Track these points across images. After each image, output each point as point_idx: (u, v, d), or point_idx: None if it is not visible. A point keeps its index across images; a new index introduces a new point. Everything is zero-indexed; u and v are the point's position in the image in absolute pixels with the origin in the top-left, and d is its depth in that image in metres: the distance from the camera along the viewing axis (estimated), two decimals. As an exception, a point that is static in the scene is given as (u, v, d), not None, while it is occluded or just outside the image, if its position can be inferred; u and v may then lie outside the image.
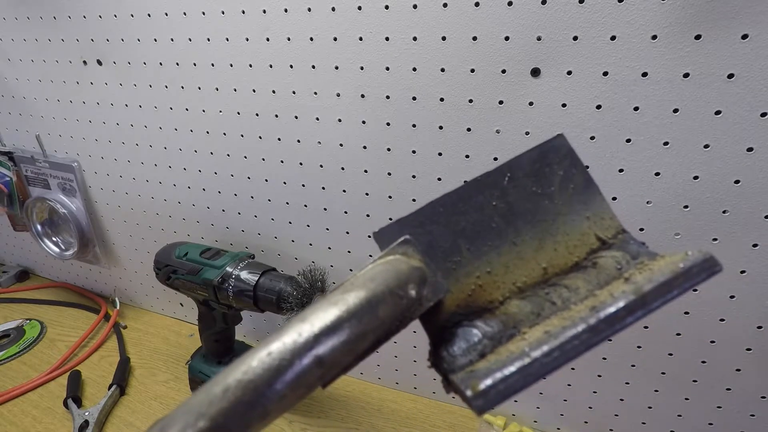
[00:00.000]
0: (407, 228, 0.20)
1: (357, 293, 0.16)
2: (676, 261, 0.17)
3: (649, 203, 0.44)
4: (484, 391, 0.15)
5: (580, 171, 0.21)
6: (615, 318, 0.16)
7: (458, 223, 0.20)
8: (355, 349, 0.16)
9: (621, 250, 0.20)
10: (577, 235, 0.21)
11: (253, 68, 0.55)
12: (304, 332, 0.15)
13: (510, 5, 0.41)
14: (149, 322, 0.84)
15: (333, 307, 0.16)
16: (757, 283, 0.43)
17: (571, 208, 0.21)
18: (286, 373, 0.14)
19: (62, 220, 0.82)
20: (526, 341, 0.17)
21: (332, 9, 0.48)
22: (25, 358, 0.74)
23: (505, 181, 0.21)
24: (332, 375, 0.16)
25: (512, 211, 0.21)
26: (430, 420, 0.62)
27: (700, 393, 0.50)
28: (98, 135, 0.73)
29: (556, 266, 0.20)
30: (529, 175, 0.21)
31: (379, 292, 0.16)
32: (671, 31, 0.38)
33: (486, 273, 0.20)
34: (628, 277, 0.18)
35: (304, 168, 0.59)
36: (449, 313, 0.20)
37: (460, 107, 0.47)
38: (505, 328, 0.18)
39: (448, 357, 0.18)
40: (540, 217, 0.21)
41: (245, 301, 0.54)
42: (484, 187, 0.21)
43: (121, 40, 0.62)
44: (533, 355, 0.16)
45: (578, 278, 0.19)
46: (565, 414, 0.58)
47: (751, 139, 0.39)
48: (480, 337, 0.18)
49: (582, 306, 0.17)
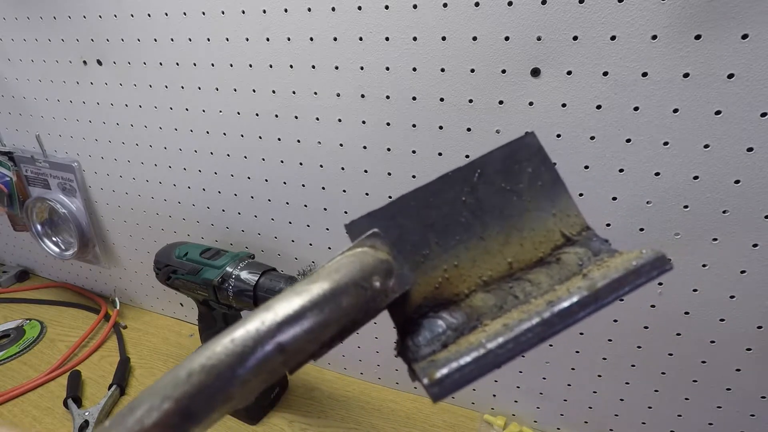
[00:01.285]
0: (378, 221, 0.20)
1: (321, 284, 0.16)
2: (631, 258, 0.17)
3: (649, 203, 0.44)
4: (439, 380, 0.16)
5: (548, 168, 0.21)
6: (568, 312, 0.16)
7: (428, 217, 0.21)
8: (318, 337, 0.16)
9: (584, 246, 0.20)
10: (543, 231, 0.21)
11: (253, 68, 0.55)
12: (267, 320, 0.15)
13: (510, 5, 0.41)
14: (149, 322, 0.84)
15: (297, 297, 0.16)
16: (757, 283, 0.43)
17: (538, 204, 0.21)
18: (248, 359, 0.15)
19: (62, 220, 0.82)
20: (485, 333, 0.17)
21: (332, 9, 0.48)
22: (25, 358, 0.74)
23: (476, 176, 0.21)
24: (297, 361, 0.16)
25: (481, 206, 0.21)
26: (430, 420, 0.62)
27: (700, 393, 0.50)
28: (98, 135, 0.73)
29: (521, 261, 0.21)
30: (499, 171, 0.21)
31: (342, 282, 0.17)
32: (671, 31, 0.38)
33: (453, 266, 0.21)
34: (586, 273, 0.18)
35: (304, 168, 0.59)
36: (416, 304, 0.20)
37: (460, 107, 0.47)
38: (469, 320, 0.19)
39: (413, 347, 0.19)
40: (508, 212, 0.21)
41: (245, 301, 0.54)
42: (454, 182, 0.21)
43: (121, 40, 0.62)
44: (488, 346, 0.16)
45: (541, 273, 0.20)
46: (565, 414, 0.58)
47: (751, 139, 0.39)
48: (444, 328, 0.19)
49: (540, 300, 0.18)
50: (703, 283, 0.45)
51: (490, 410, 0.63)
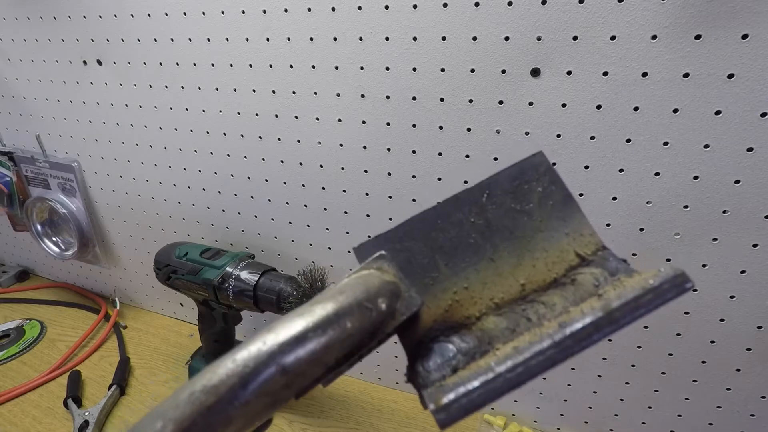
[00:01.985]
0: (386, 244, 0.20)
1: (324, 305, 0.16)
2: (648, 277, 0.17)
3: (649, 203, 0.44)
4: (446, 405, 0.15)
5: (559, 187, 0.21)
6: (582, 334, 0.16)
7: (436, 240, 0.20)
8: (322, 360, 0.16)
9: (600, 266, 0.20)
10: (556, 251, 0.20)
11: (253, 68, 0.55)
12: (269, 341, 0.15)
13: (510, 5, 0.41)
14: (149, 322, 0.84)
15: (300, 318, 0.16)
16: (757, 283, 0.43)
17: (550, 224, 0.21)
18: (249, 380, 0.15)
19: (62, 220, 0.82)
20: (495, 357, 0.17)
21: (332, 9, 0.48)
22: (25, 358, 0.74)
23: (484, 198, 0.21)
24: (302, 386, 0.16)
25: (490, 227, 0.21)
26: (430, 420, 0.62)
27: (700, 393, 0.50)
28: (98, 135, 0.73)
29: (534, 282, 0.20)
30: (508, 192, 0.21)
31: (346, 304, 0.16)
32: (671, 31, 0.38)
33: (463, 289, 0.20)
34: (602, 294, 0.17)
35: (304, 168, 0.59)
36: (426, 328, 0.20)
37: (460, 107, 0.47)
38: (480, 344, 0.18)
39: (423, 372, 0.18)
40: (518, 233, 0.21)
41: (245, 301, 0.54)
42: (462, 204, 0.21)
43: (121, 40, 0.62)
44: (497, 370, 0.16)
45: (556, 295, 0.19)
46: (565, 414, 0.58)
47: (751, 139, 0.39)
48: (455, 352, 0.18)
49: (553, 322, 0.17)
50: (703, 283, 0.45)
51: (490, 410, 0.63)
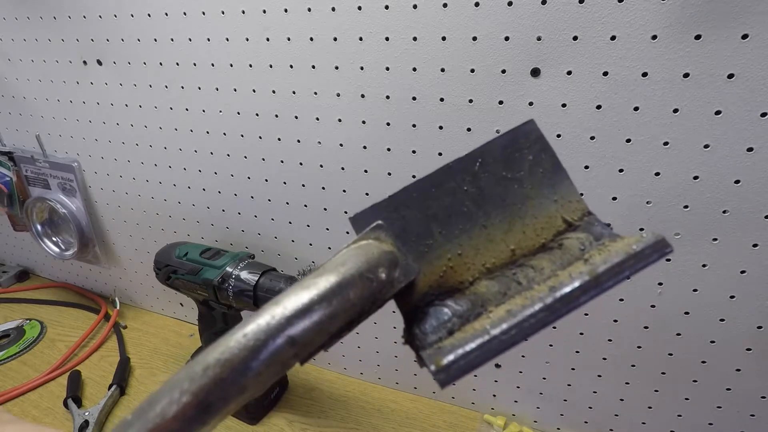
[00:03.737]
0: (382, 213, 0.21)
1: (328, 277, 0.17)
2: (631, 243, 0.18)
3: (649, 203, 0.44)
4: (446, 366, 0.16)
5: (549, 155, 0.22)
6: (570, 297, 0.17)
7: (431, 208, 0.21)
8: (327, 329, 0.17)
9: (585, 231, 0.21)
10: (545, 217, 0.21)
11: (253, 68, 0.55)
12: (277, 314, 0.16)
13: (510, 5, 0.41)
14: (149, 322, 0.84)
15: (305, 291, 0.16)
16: (757, 283, 0.43)
17: (539, 191, 0.21)
18: (261, 352, 0.15)
19: (62, 220, 0.82)
20: (489, 319, 0.18)
21: (332, 9, 0.48)
22: (25, 358, 0.74)
23: (476, 166, 0.21)
24: (307, 353, 0.17)
25: (483, 195, 0.21)
26: (430, 420, 0.62)
27: (700, 393, 0.50)
28: (98, 135, 0.73)
29: (524, 248, 0.21)
30: (500, 160, 0.21)
31: (349, 275, 0.17)
32: (671, 31, 0.38)
33: (457, 255, 0.21)
34: (588, 258, 0.18)
35: (304, 168, 0.59)
36: (422, 293, 0.20)
37: (460, 107, 0.47)
38: (474, 307, 0.19)
39: (420, 334, 0.19)
40: (509, 200, 0.21)
41: (245, 301, 0.54)
42: (456, 173, 0.21)
43: (121, 40, 0.62)
44: (492, 332, 0.17)
45: (544, 259, 0.20)
46: (565, 414, 0.58)
47: (751, 139, 0.39)
48: (450, 315, 0.19)
49: (543, 286, 0.18)
50: (703, 283, 0.45)
51: (490, 410, 0.63)
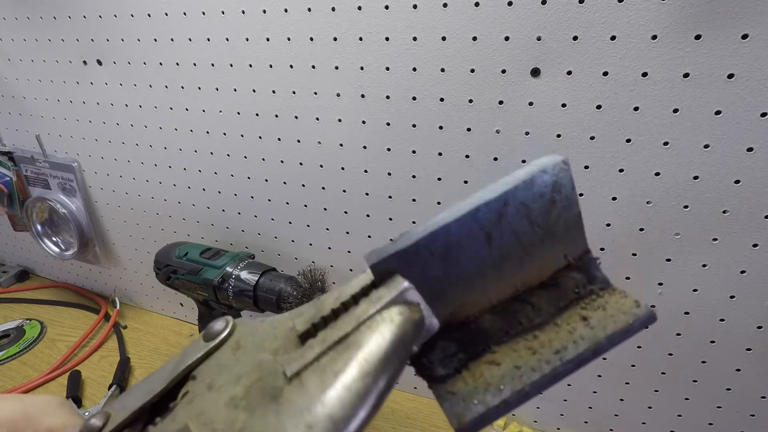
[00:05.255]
0: (405, 263, 0.20)
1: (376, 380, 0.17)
2: (625, 310, 0.19)
3: (649, 203, 0.44)
4: (469, 424, 0.18)
5: (574, 206, 0.21)
6: (574, 361, 0.19)
7: (451, 253, 0.20)
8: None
9: (581, 272, 0.21)
10: (551, 257, 0.21)
11: (253, 68, 0.55)
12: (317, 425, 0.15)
13: (510, 5, 0.41)
14: (149, 322, 0.84)
15: (355, 399, 0.16)
16: (757, 283, 0.43)
17: (554, 236, 0.21)
18: None
19: (62, 220, 0.82)
20: (499, 370, 0.19)
21: (332, 9, 0.48)
22: (25, 358, 0.74)
23: (503, 210, 0.21)
24: None
25: (502, 240, 0.21)
26: (430, 420, 0.62)
27: (700, 393, 0.50)
28: (98, 135, 0.73)
29: (525, 284, 0.21)
30: (528, 207, 0.21)
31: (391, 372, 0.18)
32: (671, 31, 0.38)
33: (468, 294, 0.21)
34: (586, 317, 0.20)
35: (304, 168, 0.59)
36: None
37: (460, 107, 0.47)
38: (478, 342, 0.20)
39: (428, 363, 0.20)
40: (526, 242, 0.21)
41: (245, 301, 0.54)
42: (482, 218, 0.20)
43: (121, 40, 0.62)
44: (505, 394, 0.18)
45: (542, 297, 0.21)
46: (565, 414, 0.58)
47: (751, 139, 0.39)
48: (455, 350, 0.20)
49: (545, 339, 0.20)
50: (703, 283, 0.45)
51: (490, 410, 0.63)
